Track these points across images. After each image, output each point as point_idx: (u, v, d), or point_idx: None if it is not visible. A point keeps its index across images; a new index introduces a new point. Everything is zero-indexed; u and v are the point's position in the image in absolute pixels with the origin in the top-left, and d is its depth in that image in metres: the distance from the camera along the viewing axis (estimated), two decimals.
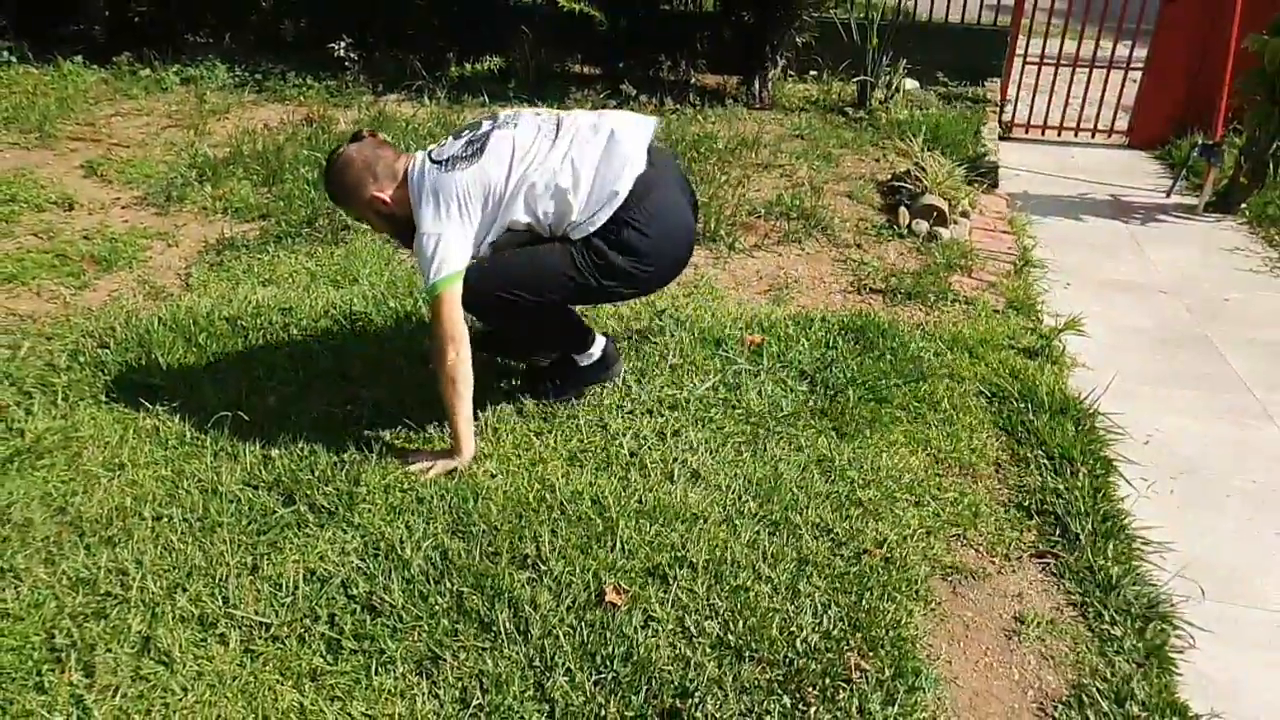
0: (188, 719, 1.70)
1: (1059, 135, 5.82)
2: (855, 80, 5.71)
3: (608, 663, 1.80)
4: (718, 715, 1.71)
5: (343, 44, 5.74)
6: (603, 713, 1.71)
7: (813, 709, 1.73)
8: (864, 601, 1.95)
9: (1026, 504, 2.35)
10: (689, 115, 5.43)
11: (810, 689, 1.76)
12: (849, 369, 2.83)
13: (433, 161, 2.28)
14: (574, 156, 2.28)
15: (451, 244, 2.21)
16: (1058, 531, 2.25)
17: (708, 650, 1.84)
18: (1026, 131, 5.86)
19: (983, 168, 4.68)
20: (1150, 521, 2.32)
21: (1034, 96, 5.92)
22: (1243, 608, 2.12)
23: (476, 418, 2.49)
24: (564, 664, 1.79)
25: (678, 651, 1.83)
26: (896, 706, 1.74)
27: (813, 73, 6.22)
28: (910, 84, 5.94)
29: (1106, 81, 5.73)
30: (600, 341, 2.60)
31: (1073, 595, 2.07)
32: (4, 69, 5.78)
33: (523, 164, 2.26)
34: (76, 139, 4.84)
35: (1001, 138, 5.58)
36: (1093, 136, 5.79)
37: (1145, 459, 2.62)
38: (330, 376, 2.72)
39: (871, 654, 1.83)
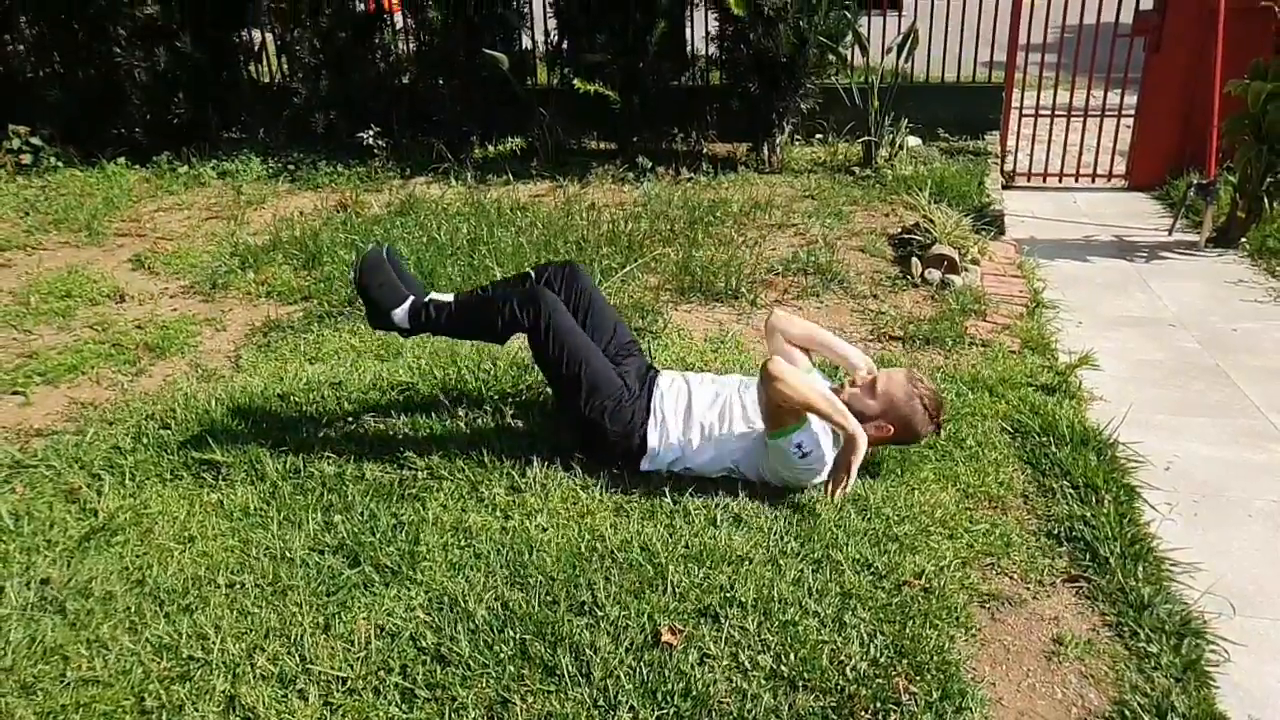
0: None
1: (1060, 181, 5.99)
2: (860, 141, 5.95)
3: (669, 699, 1.89)
4: None
5: (370, 132, 6.06)
6: None
7: None
8: (907, 629, 2.05)
9: (1056, 532, 2.44)
10: (703, 183, 5.67)
11: (863, 713, 1.85)
12: None
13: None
14: None
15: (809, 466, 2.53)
16: (1088, 556, 2.34)
17: (763, 682, 1.93)
18: (1029, 180, 6.04)
19: (989, 216, 4.84)
20: (1176, 543, 2.41)
21: (1033, 146, 6.12)
22: (1271, 620, 2.19)
23: (525, 474, 2.63)
24: (627, 702, 1.89)
25: (734, 685, 1.93)
26: None
27: (819, 136, 6.47)
28: (913, 141, 6.16)
29: (1101, 128, 5.93)
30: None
31: (1107, 616, 2.16)
32: (52, 173, 6.12)
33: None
34: (123, 235, 5.11)
35: (1005, 187, 5.76)
36: (1093, 181, 5.96)
37: (1167, 484, 2.71)
38: (382, 443, 2.87)
39: (918, 678, 1.92)
